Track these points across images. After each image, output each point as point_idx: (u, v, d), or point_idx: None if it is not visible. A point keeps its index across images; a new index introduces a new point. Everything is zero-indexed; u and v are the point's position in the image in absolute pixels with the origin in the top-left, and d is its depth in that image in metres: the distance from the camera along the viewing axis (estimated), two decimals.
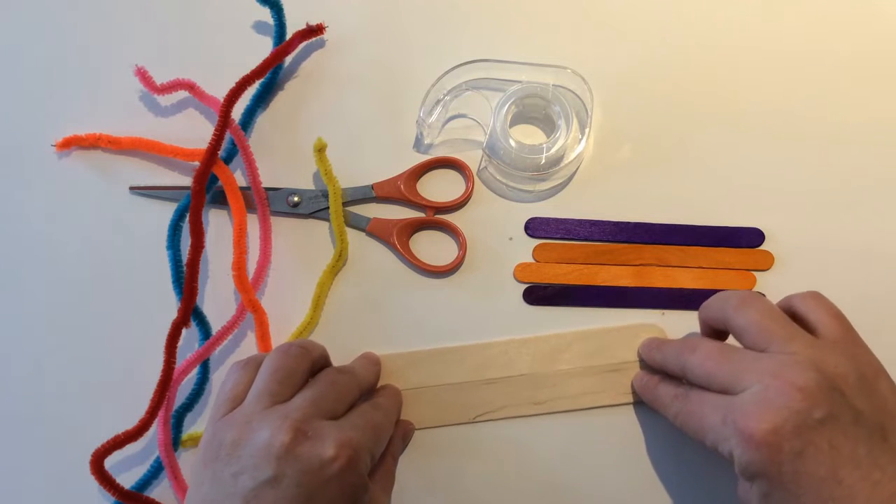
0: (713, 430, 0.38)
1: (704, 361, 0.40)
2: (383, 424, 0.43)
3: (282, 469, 0.36)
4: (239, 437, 0.38)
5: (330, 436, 0.38)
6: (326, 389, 0.41)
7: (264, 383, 0.40)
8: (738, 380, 0.38)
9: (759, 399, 0.36)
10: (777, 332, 0.39)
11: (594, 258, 0.49)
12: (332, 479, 0.37)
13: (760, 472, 0.36)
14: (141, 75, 0.51)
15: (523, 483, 0.47)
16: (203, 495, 0.37)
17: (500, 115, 0.50)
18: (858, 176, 0.50)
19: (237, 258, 0.49)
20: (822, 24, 0.53)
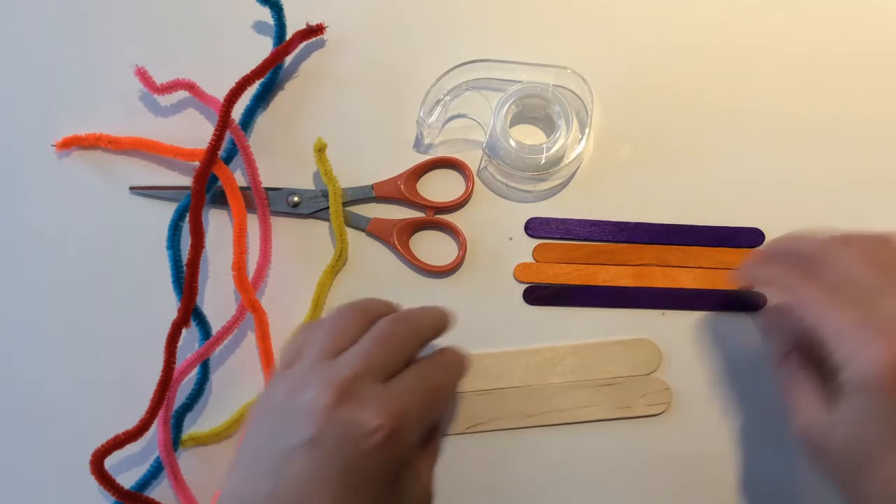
0: (839, 327, 0.36)
1: (858, 256, 0.37)
2: (441, 388, 0.39)
3: (321, 432, 0.34)
4: (288, 393, 0.36)
5: (376, 402, 0.35)
6: (379, 346, 0.37)
7: (318, 340, 0.38)
8: (890, 291, 0.36)
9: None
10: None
11: (594, 258, 0.49)
12: (371, 452, 0.34)
13: (877, 391, 0.34)
14: (141, 75, 0.51)
15: (513, 496, 0.47)
16: (253, 446, 0.36)
17: (500, 115, 0.50)
18: (859, 176, 0.50)
19: (237, 258, 0.49)
20: (823, 25, 0.53)
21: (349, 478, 0.34)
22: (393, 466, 0.35)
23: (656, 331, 0.48)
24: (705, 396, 0.47)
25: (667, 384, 0.47)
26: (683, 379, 0.48)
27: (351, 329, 0.38)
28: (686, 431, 0.47)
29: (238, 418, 0.48)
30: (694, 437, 0.47)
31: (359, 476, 0.34)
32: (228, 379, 0.49)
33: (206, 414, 0.49)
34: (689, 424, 0.47)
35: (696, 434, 0.47)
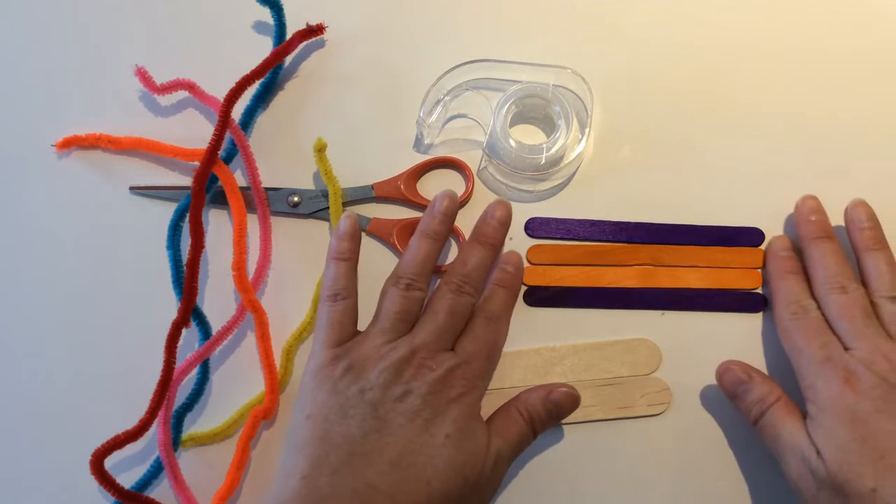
0: (810, 361, 0.43)
1: (847, 306, 0.43)
2: (497, 343, 0.45)
3: (409, 388, 0.41)
4: (365, 364, 0.42)
5: (451, 366, 0.42)
6: (447, 321, 0.44)
7: (385, 321, 0.44)
8: (857, 341, 0.42)
9: (862, 366, 0.41)
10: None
11: (588, 259, 0.49)
12: (452, 401, 0.41)
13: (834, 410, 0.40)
14: (141, 75, 0.51)
15: (513, 496, 0.47)
16: (324, 401, 0.41)
17: (500, 115, 0.50)
18: (858, 176, 0.50)
19: (237, 258, 0.49)
20: (823, 24, 0.53)
21: (436, 418, 0.41)
22: (468, 412, 0.42)
23: (656, 331, 0.48)
24: (705, 396, 0.47)
25: (667, 384, 0.47)
26: (683, 379, 0.48)
27: (413, 313, 0.45)
28: (686, 431, 0.47)
29: (238, 418, 0.48)
30: (694, 437, 0.47)
31: (442, 417, 0.41)
32: (228, 379, 0.49)
33: (206, 414, 0.49)
34: (689, 424, 0.47)
35: (696, 434, 0.47)
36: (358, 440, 0.39)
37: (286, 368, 0.49)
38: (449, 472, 0.39)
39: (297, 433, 0.41)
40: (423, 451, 0.39)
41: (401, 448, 0.39)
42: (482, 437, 0.42)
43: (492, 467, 0.42)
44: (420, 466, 0.39)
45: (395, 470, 0.39)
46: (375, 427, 0.40)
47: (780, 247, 0.48)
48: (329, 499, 0.37)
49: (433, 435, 0.40)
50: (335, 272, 0.45)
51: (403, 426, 0.40)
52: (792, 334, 0.44)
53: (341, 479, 0.38)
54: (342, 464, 0.39)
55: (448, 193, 0.47)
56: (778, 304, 0.46)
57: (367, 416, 0.40)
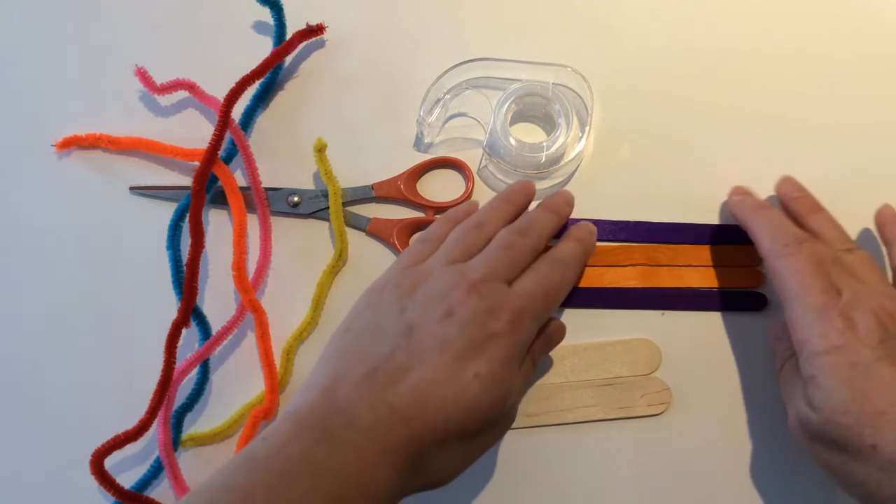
0: (806, 309, 0.40)
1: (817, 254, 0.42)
2: (558, 289, 0.43)
3: (451, 311, 0.39)
4: (416, 282, 0.41)
5: (500, 299, 0.40)
6: (503, 255, 0.42)
7: (448, 249, 0.43)
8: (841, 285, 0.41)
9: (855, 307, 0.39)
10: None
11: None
12: (493, 336, 0.39)
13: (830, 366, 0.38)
14: (141, 75, 0.51)
15: (513, 496, 0.47)
16: (366, 318, 0.41)
17: (501, 113, 0.50)
18: (858, 176, 0.50)
19: (237, 258, 0.49)
20: (823, 26, 0.53)
21: (469, 351, 0.38)
22: (508, 354, 0.39)
23: (656, 331, 0.48)
24: (705, 396, 0.47)
25: (667, 384, 0.47)
26: (683, 379, 0.47)
27: (476, 245, 0.43)
28: (686, 431, 0.47)
29: (238, 418, 0.48)
30: (694, 437, 0.47)
31: (477, 351, 0.38)
32: (228, 379, 0.49)
33: (206, 414, 0.49)
34: (689, 424, 0.47)
35: (696, 434, 0.47)
36: (385, 357, 0.38)
37: (286, 368, 0.49)
38: (469, 412, 0.37)
39: (332, 345, 0.41)
40: (447, 383, 0.37)
41: (425, 374, 0.37)
42: (515, 384, 0.40)
43: (511, 408, 0.41)
44: (440, 398, 0.37)
45: (414, 395, 0.37)
46: (405, 346, 0.38)
47: (738, 194, 0.47)
48: (344, 411, 0.36)
49: (463, 369, 0.38)
50: (437, 226, 0.46)
51: (434, 350, 0.38)
52: (784, 276, 0.42)
53: (359, 394, 0.37)
54: (364, 378, 0.37)
55: (529, 181, 0.47)
56: (762, 241, 0.44)
57: (400, 334, 0.39)
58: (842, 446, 0.38)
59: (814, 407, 0.39)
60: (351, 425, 0.36)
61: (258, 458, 0.35)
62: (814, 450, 0.40)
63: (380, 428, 0.36)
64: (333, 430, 0.35)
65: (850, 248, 0.44)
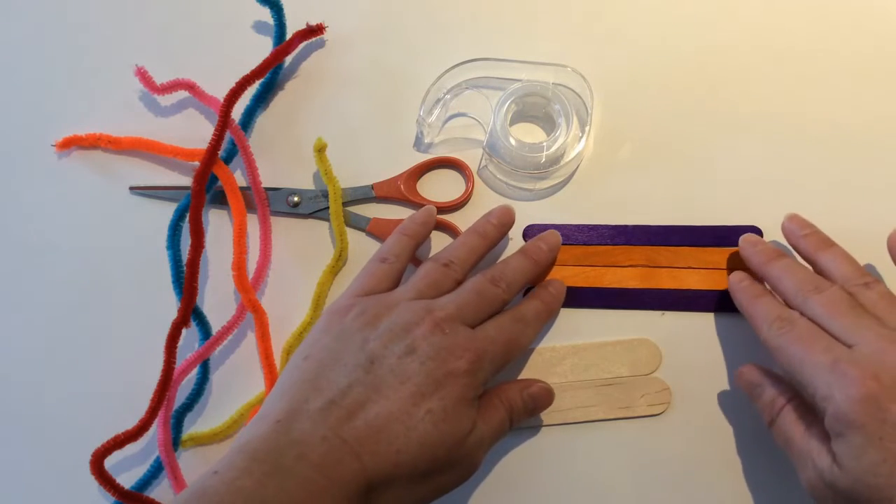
0: (817, 369, 0.38)
1: (831, 304, 0.41)
2: (518, 342, 0.44)
3: (412, 347, 0.40)
4: (380, 313, 0.41)
5: (463, 339, 0.41)
6: (472, 299, 0.43)
7: (417, 283, 0.43)
8: (857, 335, 0.39)
9: (876, 359, 0.37)
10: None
11: (584, 260, 0.49)
12: (452, 375, 0.39)
13: (860, 423, 0.36)
14: (141, 75, 0.51)
15: (513, 496, 0.47)
16: (326, 345, 0.41)
17: (501, 113, 0.50)
18: (857, 176, 0.50)
19: (237, 258, 0.49)
20: (823, 24, 0.53)
21: (426, 387, 0.39)
22: (463, 394, 0.39)
23: (656, 331, 0.48)
24: (705, 396, 0.47)
25: (667, 384, 0.47)
26: (683, 379, 0.47)
27: (445, 285, 0.44)
28: (686, 431, 0.47)
29: (238, 418, 0.48)
30: (694, 437, 0.47)
31: (434, 388, 0.39)
32: (228, 379, 0.49)
33: (206, 414, 0.49)
34: (689, 424, 0.47)
35: (696, 434, 0.47)
36: (343, 391, 0.38)
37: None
38: (421, 449, 0.38)
39: (289, 374, 0.40)
40: (400, 420, 0.38)
41: (380, 410, 0.38)
42: (466, 422, 0.40)
43: (470, 451, 0.40)
44: (392, 434, 0.37)
45: (368, 429, 0.37)
46: (364, 380, 0.39)
47: (737, 279, 0.46)
48: (297, 444, 0.36)
49: (417, 405, 0.38)
50: (394, 241, 0.46)
51: (392, 387, 0.38)
52: (785, 350, 0.40)
53: (313, 427, 0.37)
54: (319, 411, 0.37)
55: (507, 207, 0.48)
56: (759, 328, 0.43)
57: (359, 367, 0.39)
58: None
59: (841, 465, 0.37)
60: (303, 458, 0.36)
61: (208, 493, 0.34)
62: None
63: (331, 461, 0.36)
64: (285, 464, 0.35)
65: (866, 282, 0.42)
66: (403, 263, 0.46)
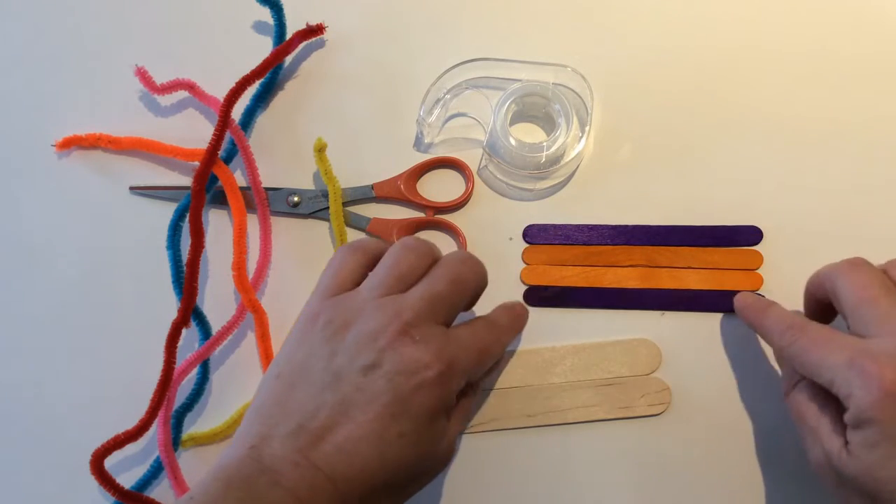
0: (833, 369, 0.37)
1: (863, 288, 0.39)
2: (491, 349, 0.42)
3: (379, 360, 0.37)
4: (347, 321, 0.39)
5: (434, 347, 0.38)
6: (445, 290, 0.40)
7: (382, 276, 0.41)
8: (879, 325, 0.37)
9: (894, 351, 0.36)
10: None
11: (582, 260, 0.49)
12: (421, 387, 0.37)
13: (877, 418, 0.35)
14: (141, 75, 0.51)
15: (513, 496, 0.47)
16: (297, 361, 0.39)
17: (501, 113, 0.50)
18: (857, 176, 0.50)
19: (237, 258, 0.49)
20: (823, 25, 0.53)
21: (394, 406, 0.37)
22: (434, 407, 0.38)
23: (656, 331, 0.48)
24: (705, 396, 0.47)
25: (667, 384, 0.47)
26: (683, 379, 0.47)
27: (416, 271, 0.41)
28: (686, 431, 0.47)
29: (238, 418, 0.48)
30: (694, 437, 0.47)
31: (403, 406, 0.37)
32: (228, 379, 0.49)
33: (206, 414, 0.49)
34: (689, 424, 0.47)
35: (696, 434, 0.47)
36: (311, 413, 0.37)
37: None
38: (397, 469, 0.37)
39: (262, 394, 0.39)
40: (371, 443, 0.36)
41: (349, 433, 0.36)
42: (438, 434, 0.39)
43: (444, 453, 0.40)
44: (365, 457, 0.36)
45: (338, 454, 0.36)
46: (331, 402, 0.37)
47: (741, 301, 0.46)
48: (269, 471, 0.36)
49: (387, 427, 0.36)
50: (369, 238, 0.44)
51: (359, 408, 0.37)
52: (802, 356, 0.39)
53: (284, 452, 0.36)
54: (289, 436, 0.36)
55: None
56: (773, 341, 0.42)
57: (326, 387, 0.37)
58: (873, 498, 0.36)
59: (852, 453, 0.37)
60: (277, 484, 0.35)
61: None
62: (839, 493, 0.38)
63: (304, 486, 0.35)
64: (258, 490, 0.35)
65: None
66: (375, 257, 0.43)
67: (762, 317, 0.43)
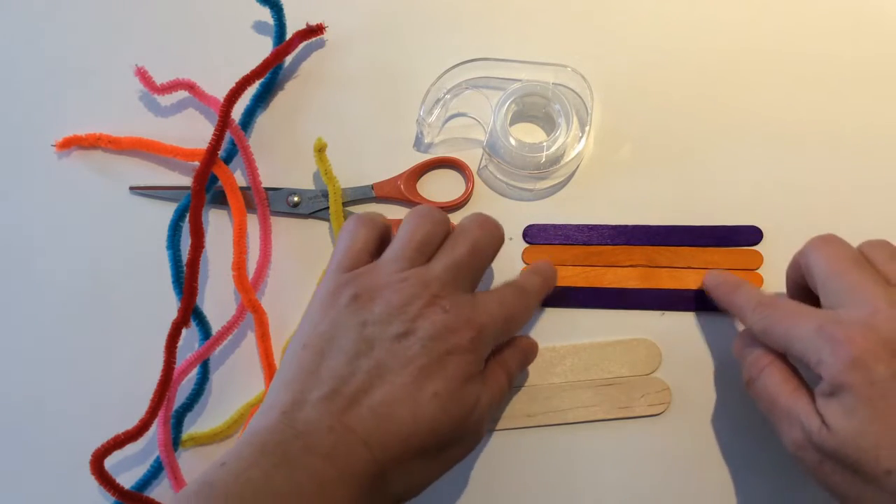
0: (803, 339, 0.38)
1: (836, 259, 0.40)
2: (519, 316, 0.42)
3: (412, 328, 0.38)
4: (373, 295, 0.39)
5: (465, 315, 0.39)
6: (467, 258, 0.41)
7: (402, 247, 0.41)
8: (848, 295, 0.38)
9: (864, 319, 0.37)
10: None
11: (582, 260, 0.49)
12: (454, 352, 0.38)
13: (849, 384, 0.35)
14: (141, 75, 0.51)
15: (513, 496, 0.47)
16: (324, 332, 0.39)
17: (501, 113, 0.50)
18: (856, 176, 0.50)
19: (237, 258, 0.49)
20: (823, 26, 0.53)
21: (429, 368, 0.37)
22: (467, 371, 0.38)
23: (656, 331, 0.48)
24: (705, 396, 0.47)
25: (667, 384, 0.47)
26: (683, 379, 0.47)
27: (435, 240, 0.42)
28: (686, 431, 0.47)
29: (238, 418, 0.48)
30: (694, 437, 0.47)
31: (437, 368, 0.38)
32: (228, 379, 0.49)
33: (206, 414, 0.49)
34: (689, 424, 0.47)
35: (696, 434, 0.47)
36: (345, 378, 0.37)
37: None
38: (430, 431, 0.37)
39: (289, 364, 0.39)
40: (406, 404, 0.37)
41: (384, 395, 0.37)
42: (471, 399, 0.39)
43: (476, 423, 0.40)
44: (399, 419, 0.36)
45: (373, 417, 0.36)
46: (366, 367, 0.37)
47: (711, 279, 0.46)
48: (303, 435, 0.35)
49: (422, 388, 0.37)
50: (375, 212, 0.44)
51: (394, 371, 0.37)
52: (772, 329, 0.40)
53: (318, 417, 0.36)
54: (323, 400, 0.36)
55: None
56: (744, 316, 0.42)
57: (360, 354, 0.38)
58: (855, 469, 0.36)
59: (830, 427, 0.36)
60: (310, 450, 0.35)
61: (215, 485, 0.34)
62: (821, 471, 0.38)
63: (340, 452, 0.35)
64: (293, 455, 0.35)
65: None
66: (384, 227, 0.44)
67: (733, 295, 0.44)
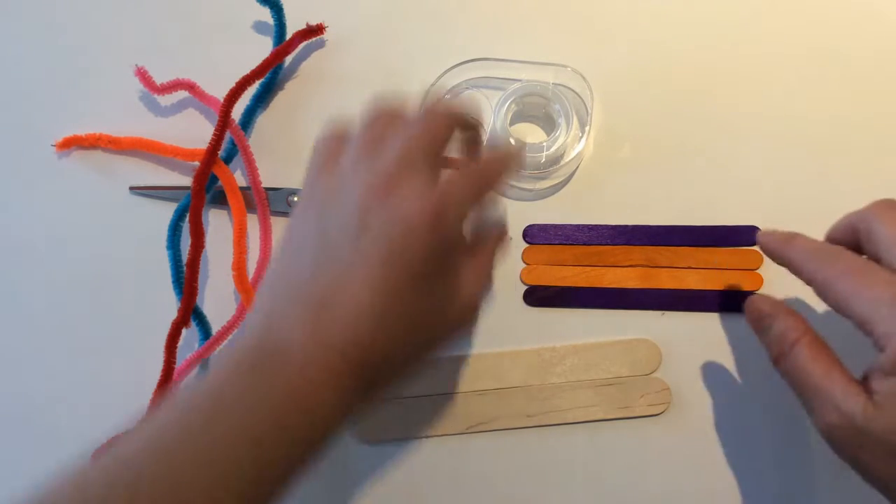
0: (874, 303, 0.34)
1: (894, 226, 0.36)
2: (490, 176, 0.39)
3: (367, 223, 0.35)
4: (331, 194, 0.37)
5: (417, 194, 0.35)
6: (418, 140, 0.37)
7: (357, 146, 0.38)
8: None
9: None
10: None
11: (581, 260, 0.49)
12: (412, 232, 0.35)
13: None
14: (141, 75, 0.51)
15: (513, 496, 0.47)
16: (294, 239, 0.38)
17: (501, 113, 0.50)
18: (856, 176, 0.50)
19: (237, 258, 0.49)
20: (823, 26, 0.53)
21: (391, 257, 0.35)
22: (432, 251, 0.35)
23: (656, 331, 0.48)
24: (705, 396, 0.47)
25: (667, 384, 0.47)
26: (683, 379, 0.47)
27: (388, 125, 0.39)
28: (686, 431, 0.47)
29: None
30: (694, 437, 0.47)
31: (399, 255, 0.35)
32: None
33: None
34: (689, 424, 0.47)
35: (696, 434, 0.47)
36: (308, 283, 0.36)
37: None
38: (406, 333, 0.36)
39: (270, 269, 0.39)
40: (375, 309, 0.35)
41: (350, 302, 0.35)
42: (447, 288, 0.37)
43: (457, 311, 0.38)
44: (372, 327, 0.35)
45: (345, 328, 0.35)
46: (329, 272, 0.36)
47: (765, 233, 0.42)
48: (280, 351, 0.34)
49: (387, 278, 0.35)
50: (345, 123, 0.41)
51: (357, 267, 0.35)
52: (833, 284, 0.36)
53: (291, 331, 0.35)
54: (294, 314, 0.35)
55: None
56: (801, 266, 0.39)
57: (325, 260, 0.36)
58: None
59: (882, 407, 0.34)
60: (287, 364, 0.34)
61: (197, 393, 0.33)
62: (860, 457, 0.35)
63: (314, 364, 0.34)
64: (270, 369, 0.34)
65: None
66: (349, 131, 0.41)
67: (787, 248, 0.40)
